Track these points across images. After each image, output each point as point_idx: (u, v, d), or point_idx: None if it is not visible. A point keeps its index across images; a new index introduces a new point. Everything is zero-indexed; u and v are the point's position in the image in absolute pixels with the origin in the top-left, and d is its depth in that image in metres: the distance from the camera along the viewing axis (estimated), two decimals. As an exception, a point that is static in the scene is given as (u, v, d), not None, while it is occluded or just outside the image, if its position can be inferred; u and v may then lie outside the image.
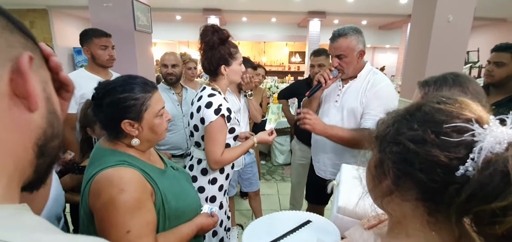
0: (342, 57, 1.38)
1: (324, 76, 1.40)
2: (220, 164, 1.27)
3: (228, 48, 1.28)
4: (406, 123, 0.41)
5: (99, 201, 0.75)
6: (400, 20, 7.97)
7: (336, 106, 1.50)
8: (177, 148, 2.01)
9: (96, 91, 0.84)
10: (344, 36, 1.36)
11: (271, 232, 0.90)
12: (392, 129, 0.43)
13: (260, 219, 1.01)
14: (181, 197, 0.93)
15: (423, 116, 0.40)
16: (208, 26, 1.27)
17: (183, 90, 2.10)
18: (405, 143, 0.40)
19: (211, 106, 1.22)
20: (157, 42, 11.01)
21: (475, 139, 0.35)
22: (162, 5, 6.92)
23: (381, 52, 12.50)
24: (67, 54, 7.46)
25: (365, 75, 1.44)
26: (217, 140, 1.23)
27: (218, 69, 1.29)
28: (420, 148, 0.38)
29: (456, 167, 0.35)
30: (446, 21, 2.64)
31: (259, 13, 7.77)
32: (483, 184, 0.33)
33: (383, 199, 0.45)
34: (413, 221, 0.43)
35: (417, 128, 0.40)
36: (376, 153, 0.46)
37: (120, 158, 0.81)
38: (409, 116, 0.42)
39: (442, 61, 2.68)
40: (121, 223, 0.74)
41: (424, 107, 0.41)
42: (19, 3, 6.63)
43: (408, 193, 0.41)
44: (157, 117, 0.87)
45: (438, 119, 0.39)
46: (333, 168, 1.55)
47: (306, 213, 1.01)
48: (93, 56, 1.72)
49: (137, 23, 3.12)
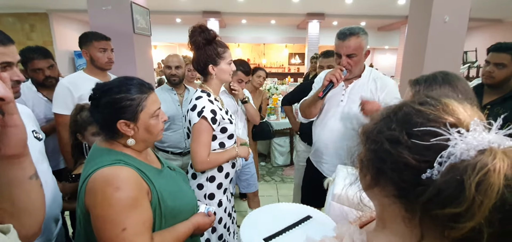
0: (352, 56, 1.40)
1: (336, 76, 1.39)
2: (205, 166, 1.28)
3: (215, 48, 1.30)
4: (388, 121, 0.42)
5: (95, 199, 0.76)
6: (398, 22, 8.00)
7: (342, 105, 1.51)
8: (176, 146, 2.07)
9: (93, 92, 0.85)
10: (356, 35, 1.37)
11: (270, 224, 0.90)
12: (377, 126, 0.44)
13: (259, 209, 1.01)
14: (177, 196, 0.94)
15: (403, 116, 0.41)
16: (195, 26, 1.29)
17: (185, 91, 2.16)
18: (383, 141, 0.40)
19: (195, 109, 1.26)
20: (158, 44, 11.05)
21: (448, 143, 0.35)
22: (162, 8, 6.96)
23: (380, 53, 12.53)
24: (67, 58, 7.49)
25: (368, 74, 1.49)
26: (200, 141, 1.25)
27: (206, 69, 1.32)
28: (393, 148, 0.39)
29: (424, 170, 0.35)
30: (442, 22, 2.65)
31: (258, 15, 7.81)
32: (441, 189, 0.33)
33: (367, 191, 0.47)
34: (392, 216, 0.44)
35: (394, 127, 0.40)
36: (362, 148, 0.47)
37: (116, 157, 0.82)
38: (392, 116, 0.42)
39: (439, 61, 2.70)
40: (117, 221, 0.75)
41: (405, 108, 0.42)
42: (19, 7, 6.67)
43: (386, 189, 0.42)
44: (152, 118, 0.89)
45: (415, 121, 0.39)
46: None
47: (306, 207, 1.01)
48: (92, 58, 1.74)
49: (136, 26, 3.14)
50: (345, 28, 1.41)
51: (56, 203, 1.08)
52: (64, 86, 1.63)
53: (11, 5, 6.48)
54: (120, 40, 3.01)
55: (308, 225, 0.91)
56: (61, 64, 6.94)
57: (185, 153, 2.10)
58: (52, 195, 1.06)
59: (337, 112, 1.53)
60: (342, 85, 1.53)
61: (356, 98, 1.45)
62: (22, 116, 1.02)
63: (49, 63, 1.80)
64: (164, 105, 1.99)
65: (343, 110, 1.51)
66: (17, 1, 6.16)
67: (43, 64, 1.77)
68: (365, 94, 1.46)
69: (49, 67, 1.80)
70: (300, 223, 0.92)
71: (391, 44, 10.26)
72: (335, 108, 1.54)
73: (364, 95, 1.45)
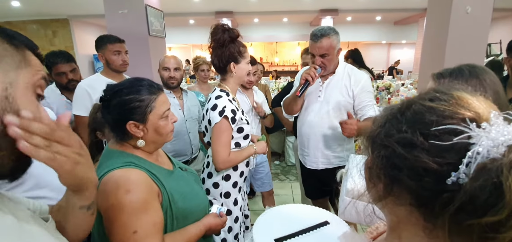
0: (325, 56, 1.51)
1: (311, 74, 1.49)
2: (227, 164, 1.31)
3: (238, 47, 1.33)
4: (396, 123, 0.38)
5: (106, 202, 0.77)
6: (416, 14, 7.71)
7: (320, 101, 1.63)
8: (181, 154, 1.89)
9: (104, 93, 0.87)
10: (327, 36, 1.48)
11: (285, 225, 0.86)
12: (383, 129, 0.40)
13: (276, 208, 0.98)
14: (188, 197, 0.94)
15: (413, 116, 0.37)
16: (218, 25, 1.32)
17: (183, 94, 2.00)
18: (394, 146, 0.37)
19: (216, 108, 1.27)
20: (172, 46, 11.27)
21: (470, 141, 0.31)
22: (175, 10, 7.08)
23: (397, 48, 12.14)
24: (87, 61, 7.80)
25: (342, 70, 1.61)
26: (221, 141, 1.27)
27: (227, 66, 1.33)
28: (408, 152, 0.35)
29: (447, 174, 0.31)
30: (464, 13, 2.52)
31: (271, 13, 7.78)
32: (473, 195, 0.29)
33: (378, 202, 0.43)
34: (408, 226, 0.40)
35: (405, 129, 0.36)
36: (369, 155, 0.43)
37: (127, 159, 0.83)
38: (400, 116, 0.38)
39: (461, 55, 2.57)
40: (128, 224, 0.75)
41: (414, 106, 0.38)
42: (42, 14, 7.00)
43: (401, 198, 0.38)
44: (162, 119, 0.89)
45: (428, 120, 0.35)
46: (324, 158, 1.68)
47: (324, 211, 0.97)
48: (107, 61, 1.80)
49: (151, 29, 3.21)
50: (317, 29, 1.52)
51: None
52: (82, 89, 1.69)
53: (34, 12, 6.81)
54: (136, 42, 3.09)
55: (323, 232, 0.86)
56: (81, 68, 7.16)
57: (192, 159, 1.97)
58: None
59: (315, 107, 1.64)
60: (319, 82, 1.63)
61: (335, 92, 1.58)
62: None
63: (72, 67, 1.88)
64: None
65: (321, 105, 1.62)
66: (39, 9, 6.47)
67: (66, 68, 1.84)
68: (342, 89, 1.57)
69: (71, 71, 1.87)
70: (315, 228, 0.88)
71: (409, 38, 9.92)
72: (314, 104, 1.65)
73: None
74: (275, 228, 0.85)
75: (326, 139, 1.63)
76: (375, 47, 12.22)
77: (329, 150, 1.65)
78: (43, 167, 0.94)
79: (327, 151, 1.65)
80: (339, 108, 1.58)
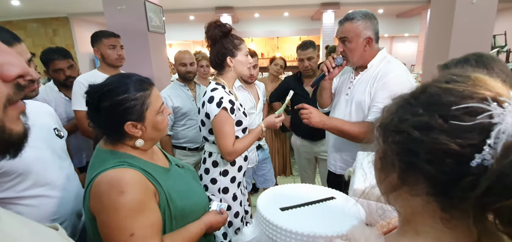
0: (345, 41, 1.32)
1: (326, 64, 1.35)
2: (233, 155, 1.30)
3: (232, 40, 1.32)
4: (409, 108, 0.36)
5: (100, 204, 0.73)
6: (419, 7, 7.60)
7: (346, 99, 1.42)
8: (193, 141, 2.11)
9: (89, 96, 0.80)
10: (351, 20, 1.30)
11: (289, 199, 0.83)
12: (396, 116, 0.38)
13: (281, 186, 0.95)
14: (187, 195, 0.91)
15: (429, 98, 0.35)
16: (211, 22, 1.32)
17: (196, 86, 2.20)
18: (409, 130, 0.35)
19: (213, 100, 1.25)
20: (173, 43, 11.22)
21: (493, 120, 0.30)
22: (175, 6, 7.02)
23: (400, 41, 12.01)
24: (88, 60, 7.78)
25: (376, 64, 1.33)
26: (224, 132, 1.26)
27: (224, 61, 1.32)
28: (425, 135, 0.33)
29: (470, 156, 0.30)
30: (469, 4, 2.47)
31: (271, 8, 7.70)
32: (503, 174, 0.28)
33: (390, 194, 0.41)
34: (424, 218, 0.38)
35: (422, 112, 0.35)
36: (380, 144, 0.41)
37: (120, 159, 0.79)
38: (414, 100, 0.37)
39: (466, 47, 2.49)
40: (124, 226, 0.72)
41: (429, 89, 0.36)
42: (42, 12, 6.97)
43: (417, 187, 0.36)
44: (158, 114, 0.86)
45: (446, 101, 0.33)
46: (343, 163, 1.48)
47: (330, 189, 0.93)
48: (103, 56, 1.79)
49: (150, 24, 3.18)
50: (347, 13, 1.34)
51: (79, 199, 1.11)
52: (80, 83, 1.68)
53: (34, 11, 6.78)
54: (135, 39, 3.07)
55: (330, 204, 0.81)
56: (82, 66, 7.22)
57: (202, 147, 2.10)
58: (75, 191, 1.08)
59: (342, 105, 1.45)
60: (351, 77, 1.44)
61: (359, 90, 1.35)
62: (43, 115, 1.07)
63: (69, 63, 1.86)
64: (179, 101, 2.02)
65: (346, 104, 1.42)
66: (39, 7, 6.44)
67: (63, 65, 1.82)
68: (367, 86, 1.32)
69: (69, 67, 1.85)
70: (321, 201, 0.84)
71: (411, 31, 9.80)
72: (342, 102, 1.47)
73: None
74: (280, 200, 0.82)
75: (346, 142, 1.41)
76: (377, 40, 12.08)
77: (349, 154, 1.44)
78: (43, 165, 0.95)
79: (346, 155, 1.46)
80: (361, 109, 1.34)
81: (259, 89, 2.24)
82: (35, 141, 0.92)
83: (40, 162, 0.93)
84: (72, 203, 1.04)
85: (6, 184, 0.86)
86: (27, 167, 0.88)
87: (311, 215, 0.74)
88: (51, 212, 0.95)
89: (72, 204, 1.04)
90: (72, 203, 1.04)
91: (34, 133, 0.91)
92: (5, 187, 0.86)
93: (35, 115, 0.97)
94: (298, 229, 0.63)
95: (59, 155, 1.04)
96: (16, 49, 0.86)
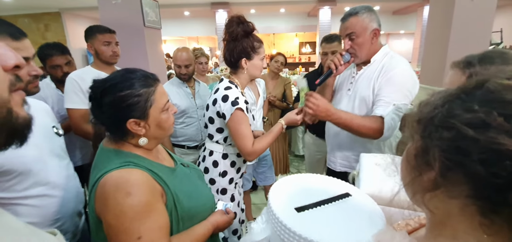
0: (353, 37, 1.27)
1: (335, 61, 1.29)
2: (254, 155, 1.26)
3: (252, 42, 1.26)
4: (461, 103, 0.34)
5: (105, 207, 0.70)
6: (415, 4, 7.65)
7: (349, 94, 1.39)
8: (192, 139, 2.06)
9: (92, 91, 0.77)
10: (355, 15, 1.25)
11: (302, 195, 0.78)
12: (442, 110, 0.35)
13: (288, 178, 0.89)
14: (193, 196, 0.88)
15: (487, 95, 0.33)
16: (234, 17, 1.25)
17: (195, 84, 2.15)
18: (460, 127, 0.32)
19: (227, 99, 1.21)
20: (167, 39, 11.08)
21: None
22: (170, 1, 6.92)
23: (396, 38, 12.09)
24: (81, 55, 7.63)
25: (380, 59, 1.30)
26: (242, 133, 1.23)
27: (238, 62, 1.28)
28: (482, 134, 0.31)
29: None
30: (469, 1, 2.47)
31: (268, 4, 7.65)
32: None
33: (425, 194, 0.38)
34: (460, 222, 0.36)
35: (478, 109, 0.32)
36: (417, 140, 0.38)
37: (125, 159, 0.76)
38: (466, 96, 0.34)
39: (465, 43, 2.52)
40: (131, 229, 0.69)
41: (487, 84, 0.33)
42: (33, 7, 6.80)
43: (456, 189, 0.34)
44: (163, 112, 0.82)
45: (509, 99, 0.31)
46: (343, 159, 1.45)
47: (342, 182, 0.88)
48: (97, 52, 1.72)
49: (146, 19, 3.11)
50: (349, 9, 1.30)
51: (79, 198, 1.09)
52: (72, 80, 1.61)
53: (25, 6, 6.62)
54: (131, 34, 3.00)
55: (347, 203, 0.76)
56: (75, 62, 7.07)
57: (201, 145, 2.07)
58: (75, 190, 1.06)
59: (344, 101, 1.40)
60: (353, 72, 1.40)
61: (363, 85, 1.31)
62: (41, 113, 1.05)
63: (67, 59, 1.80)
64: (177, 98, 1.98)
65: (349, 100, 1.38)
66: (31, 2, 6.29)
67: (60, 61, 1.76)
68: (371, 82, 1.28)
69: (66, 64, 1.79)
70: (337, 199, 0.78)
71: (407, 28, 9.86)
72: (343, 98, 1.42)
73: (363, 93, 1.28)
74: (294, 196, 0.77)
75: (348, 138, 1.38)
76: (373, 37, 12.13)
77: (350, 151, 1.41)
78: (43, 164, 0.91)
79: (347, 151, 1.42)
80: (365, 104, 1.31)
81: (259, 86, 2.21)
82: (35, 139, 0.91)
83: (40, 161, 0.92)
84: (73, 202, 1.03)
85: (7, 183, 0.85)
86: (27, 165, 0.88)
87: (329, 216, 0.70)
88: (53, 211, 0.95)
89: (74, 204, 1.03)
90: (73, 202, 1.03)
91: (34, 131, 0.90)
92: (6, 186, 0.85)
93: (33, 112, 0.93)
94: (320, 239, 0.59)
95: (58, 153, 1.03)
96: (23, 43, 0.88)
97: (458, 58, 0.84)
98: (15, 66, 0.40)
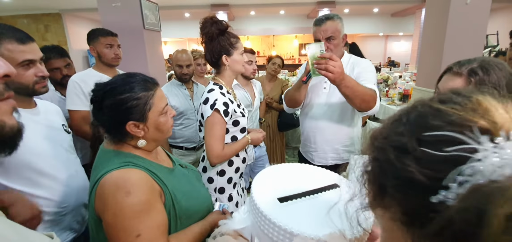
0: (331, 39, 1.44)
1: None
2: (220, 159, 1.28)
3: (228, 38, 1.30)
4: (397, 125, 0.33)
5: (105, 205, 0.72)
6: (413, 6, 7.69)
7: (325, 92, 1.54)
8: (190, 141, 2.09)
9: (94, 94, 0.80)
10: (331, 20, 1.43)
11: (287, 185, 0.74)
12: (385, 130, 0.34)
13: (275, 166, 0.86)
14: (191, 195, 0.91)
15: (416, 118, 0.31)
16: (207, 18, 1.29)
17: (194, 86, 2.19)
18: (388, 150, 0.32)
19: (207, 102, 1.25)
20: (168, 40, 11.12)
21: (475, 156, 0.25)
22: (170, 3, 6.96)
23: (394, 40, 12.13)
24: (81, 57, 7.66)
25: (347, 61, 1.53)
26: (214, 135, 1.25)
27: (219, 60, 1.31)
28: (398, 159, 0.30)
29: (435, 190, 0.26)
30: (463, 4, 2.51)
31: (267, 6, 7.69)
32: (452, 220, 0.24)
33: (372, 210, 0.37)
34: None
35: (403, 132, 0.31)
36: (369, 156, 0.38)
37: (125, 159, 0.79)
38: (404, 117, 0.33)
39: (460, 46, 2.56)
40: (130, 228, 0.71)
41: (420, 107, 0.32)
42: (33, 8, 6.83)
43: (391, 211, 0.32)
44: (162, 115, 0.85)
45: (431, 125, 0.29)
46: (333, 152, 1.57)
47: (331, 173, 0.87)
48: (99, 55, 1.76)
49: (145, 22, 3.15)
50: (320, 16, 1.48)
51: (86, 190, 1.15)
52: (74, 83, 1.65)
53: (25, 6, 6.64)
54: (131, 36, 3.03)
55: (335, 195, 0.72)
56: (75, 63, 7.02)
57: (199, 146, 2.11)
58: (83, 182, 1.13)
59: (321, 99, 1.55)
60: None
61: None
62: (53, 113, 1.15)
63: (66, 62, 1.82)
64: (175, 100, 2.01)
65: (327, 97, 1.54)
66: (30, 2, 6.31)
67: (60, 63, 1.79)
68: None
69: (66, 66, 1.82)
70: (324, 190, 0.75)
71: (406, 30, 9.91)
72: (319, 96, 1.56)
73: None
74: (278, 185, 0.73)
75: (334, 131, 1.53)
76: (372, 39, 12.19)
77: (338, 143, 1.54)
78: (43, 164, 0.98)
79: (336, 144, 1.55)
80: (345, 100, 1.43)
81: (255, 87, 2.24)
82: (48, 134, 1.03)
83: (41, 161, 0.98)
84: (79, 194, 1.10)
85: (25, 176, 0.93)
86: (27, 164, 0.93)
87: (313, 208, 0.65)
88: (60, 201, 1.02)
89: (79, 196, 1.10)
90: (79, 194, 1.10)
91: (48, 128, 1.04)
92: (23, 178, 0.92)
93: (47, 113, 1.09)
94: (299, 230, 0.55)
95: (66, 149, 1.12)
96: (30, 47, 0.93)
97: (453, 60, 0.83)
98: (5, 75, 0.41)
